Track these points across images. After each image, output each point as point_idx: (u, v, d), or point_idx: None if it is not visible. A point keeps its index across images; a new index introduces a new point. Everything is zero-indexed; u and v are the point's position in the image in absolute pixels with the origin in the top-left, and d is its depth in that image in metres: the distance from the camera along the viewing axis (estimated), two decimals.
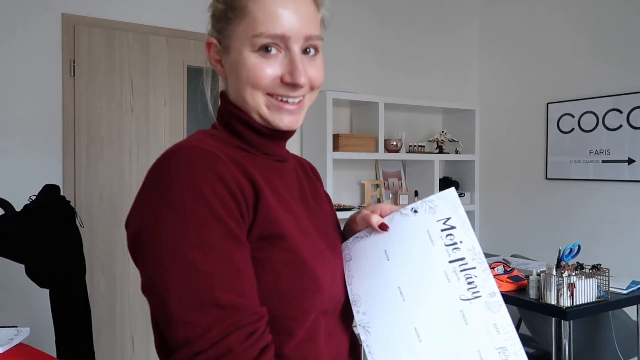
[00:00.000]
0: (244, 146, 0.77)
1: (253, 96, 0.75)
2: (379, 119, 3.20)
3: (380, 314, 0.73)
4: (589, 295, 2.02)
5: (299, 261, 0.70)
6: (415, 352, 0.69)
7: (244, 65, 0.74)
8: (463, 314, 0.69)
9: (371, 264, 0.78)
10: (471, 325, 0.68)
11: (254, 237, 0.68)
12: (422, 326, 0.70)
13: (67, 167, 2.54)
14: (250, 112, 0.76)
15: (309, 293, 0.70)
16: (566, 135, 3.23)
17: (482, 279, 0.71)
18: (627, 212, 2.94)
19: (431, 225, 0.76)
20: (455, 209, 0.77)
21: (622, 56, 2.96)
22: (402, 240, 0.77)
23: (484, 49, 3.83)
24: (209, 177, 0.65)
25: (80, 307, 1.94)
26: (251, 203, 0.68)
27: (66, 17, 2.53)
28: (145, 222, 0.64)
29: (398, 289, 0.73)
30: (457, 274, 0.72)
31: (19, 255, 1.82)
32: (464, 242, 0.74)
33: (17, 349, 1.54)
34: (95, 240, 2.60)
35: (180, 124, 2.84)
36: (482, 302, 0.69)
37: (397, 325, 0.71)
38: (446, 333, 0.69)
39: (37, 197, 1.93)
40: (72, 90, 2.56)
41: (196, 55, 2.86)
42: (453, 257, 0.73)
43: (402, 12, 3.58)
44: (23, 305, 2.40)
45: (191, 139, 0.72)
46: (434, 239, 0.75)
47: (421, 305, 0.71)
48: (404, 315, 0.71)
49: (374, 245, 0.79)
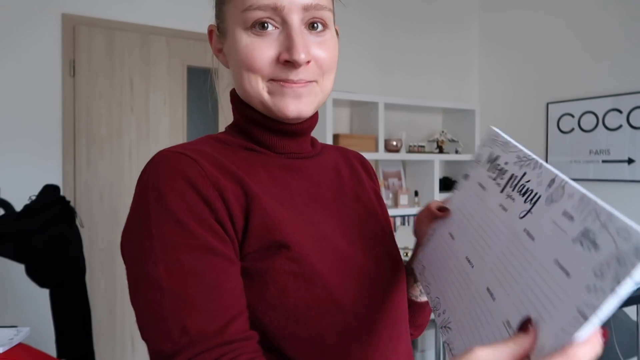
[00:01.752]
0: (254, 146, 0.68)
1: (251, 82, 0.65)
2: (379, 119, 3.20)
3: (455, 299, 0.60)
4: None
5: (308, 272, 0.60)
6: (490, 311, 0.52)
7: (238, 46, 0.64)
8: (528, 231, 0.51)
9: (440, 255, 0.67)
10: (538, 237, 0.49)
11: (252, 247, 0.60)
12: (494, 283, 0.53)
13: (67, 167, 2.54)
14: (253, 102, 0.67)
15: (322, 310, 0.60)
16: (566, 135, 3.23)
17: (535, 175, 0.53)
18: (627, 212, 2.92)
19: (480, 174, 0.64)
20: (496, 141, 0.63)
21: (622, 56, 2.96)
22: (461, 210, 0.66)
23: (484, 49, 3.83)
24: (177, 183, 0.58)
25: (80, 307, 1.94)
26: (239, 208, 0.59)
27: (66, 17, 2.53)
28: (122, 238, 0.61)
29: (466, 259, 0.60)
30: (511, 195, 0.56)
31: (19, 255, 1.82)
32: (509, 161, 0.59)
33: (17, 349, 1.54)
34: (95, 240, 2.60)
35: (180, 124, 2.84)
36: (542, 202, 0.50)
37: (469, 297, 0.57)
38: (515, 272, 0.50)
39: (37, 197, 1.93)
40: (72, 90, 2.56)
41: (196, 55, 2.86)
42: (502, 183, 0.58)
43: (402, 12, 3.58)
44: (23, 305, 2.40)
45: (178, 145, 0.65)
46: (485, 184, 0.62)
47: (488, 261, 0.55)
48: (475, 283, 0.57)
49: (439, 237, 0.69)
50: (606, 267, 0.38)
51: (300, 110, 0.65)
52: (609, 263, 0.38)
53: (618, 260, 0.38)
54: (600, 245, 0.40)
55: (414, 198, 3.51)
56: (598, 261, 0.39)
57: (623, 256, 0.37)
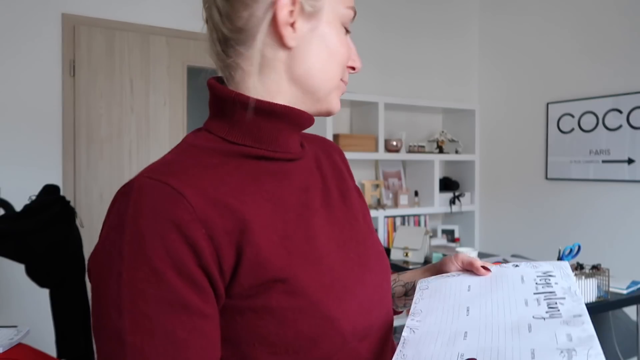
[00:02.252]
0: (249, 149, 0.62)
1: (337, 76, 0.65)
2: (379, 119, 3.20)
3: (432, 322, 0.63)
4: (589, 295, 2.02)
5: (307, 303, 0.57)
6: (454, 344, 0.58)
7: (340, 37, 0.64)
8: (530, 326, 0.58)
9: (448, 290, 0.69)
10: (534, 332, 0.56)
11: (244, 284, 0.56)
12: (473, 331, 0.59)
13: (67, 167, 2.54)
14: (314, 96, 0.64)
15: (324, 338, 0.58)
16: (566, 135, 3.23)
17: (570, 304, 0.60)
18: (627, 212, 2.94)
19: (528, 273, 0.69)
20: (562, 270, 0.69)
21: (622, 56, 2.96)
22: (492, 280, 0.69)
23: (484, 49, 3.83)
24: (159, 224, 0.52)
25: (80, 307, 1.94)
26: (230, 244, 0.55)
27: (66, 17, 2.53)
28: (88, 270, 0.56)
29: (466, 308, 0.64)
30: (539, 301, 0.62)
31: (19, 255, 1.82)
32: (559, 283, 0.65)
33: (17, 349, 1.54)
34: (95, 240, 2.60)
35: (180, 124, 2.84)
36: (559, 320, 0.58)
37: (446, 330, 0.61)
38: (496, 337, 0.57)
39: (37, 197, 1.93)
40: (72, 90, 2.56)
41: (196, 55, 2.86)
42: (540, 290, 0.64)
43: (402, 12, 3.58)
44: (23, 305, 2.40)
45: (159, 163, 0.59)
46: (526, 279, 0.67)
47: (481, 320, 0.61)
48: (458, 324, 0.61)
49: (458, 281, 0.72)
50: None
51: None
52: None
53: None
54: (573, 359, 0.50)
55: (414, 198, 3.51)
56: None
57: None
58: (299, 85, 0.63)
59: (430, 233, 2.90)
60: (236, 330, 0.57)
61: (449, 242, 3.58)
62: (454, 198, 3.56)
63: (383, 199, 3.42)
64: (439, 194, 3.47)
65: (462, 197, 3.59)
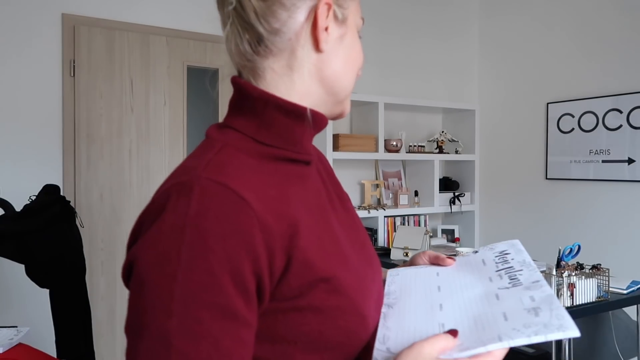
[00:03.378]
0: (278, 150, 0.63)
1: (353, 82, 0.68)
2: (379, 119, 3.20)
3: (409, 301, 0.68)
4: (589, 295, 2.02)
5: (347, 301, 0.59)
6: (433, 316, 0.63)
7: (359, 45, 0.68)
8: (497, 295, 0.65)
9: (418, 275, 0.76)
10: (502, 299, 0.63)
11: (292, 286, 0.57)
12: (447, 303, 0.65)
13: (67, 167, 2.54)
14: (336, 100, 0.68)
15: (357, 333, 0.60)
16: (566, 135, 3.23)
17: (528, 273, 0.68)
18: (627, 212, 2.94)
19: (487, 255, 0.77)
20: (515, 247, 0.78)
21: (622, 56, 2.96)
22: (457, 267, 0.77)
23: (483, 49, 3.83)
24: (223, 229, 0.52)
25: (80, 307, 1.94)
26: (282, 249, 0.56)
27: (66, 17, 2.53)
28: (136, 266, 0.54)
29: (437, 286, 0.71)
30: (501, 275, 0.69)
31: (19, 255, 1.82)
32: (515, 258, 0.74)
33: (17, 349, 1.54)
34: (95, 240, 2.60)
35: (180, 124, 2.84)
36: (521, 287, 0.65)
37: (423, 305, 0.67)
38: (470, 307, 0.64)
39: (37, 197, 1.93)
40: (72, 90, 2.56)
41: (196, 55, 2.86)
42: (500, 267, 0.72)
43: (403, 13, 3.58)
44: (23, 305, 2.40)
45: (211, 163, 0.57)
46: (486, 261, 0.75)
47: (454, 296, 0.67)
48: (432, 299, 0.67)
49: (427, 268, 0.79)
50: (535, 325, 0.56)
51: None
52: (538, 324, 0.56)
53: (545, 325, 0.55)
54: (540, 315, 0.58)
55: (414, 198, 3.51)
56: (532, 321, 0.57)
57: (549, 326, 0.55)
58: (325, 87, 0.65)
59: (430, 233, 2.90)
60: (277, 330, 0.58)
61: (449, 242, 3.58)
62: (454, 198, 3.56)
63: (383, 199, 3.42)
64: (438, 194, 3.47)
65: (462, 197, 3.59)
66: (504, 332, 0.56)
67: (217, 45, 2.90)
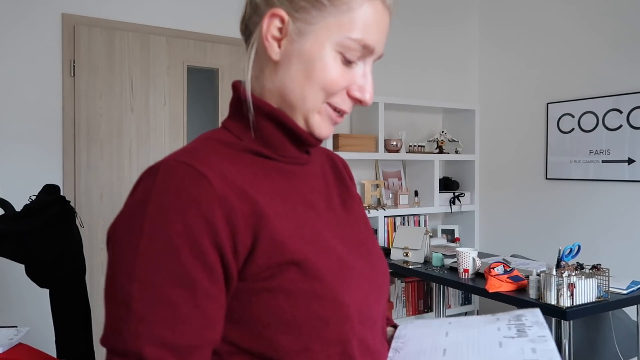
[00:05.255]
0: (259, 148, 0.67)
1: (315, 97, 0.65)
2: (379, 119, 3.20)
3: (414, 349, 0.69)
4: (589, 295, 2.02)
5: (319, 286, 0.60)
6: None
7: (323, 60, 0.64)
8: (500, 343, 0.66)
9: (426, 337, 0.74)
10: (505, 347, 0.65)
11: (260, 266, 0.59)
12: (451, 348, 0.67)
13: (67, 167, 2.54)
14: (296, 112, 0.67)
15: (334, 320, 0.61)
16: (566, 135, 3.23)
17: (536, 329, 0.68)
18: (627, 212, 2.94)
19: (502, 315, 0.75)
20: (533, 312, 0.74)
21: (621, 56, 2.96)
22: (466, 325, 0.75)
23: (483, 48, 3.83)
24: (182, 201, 0.56)
25: (80, 307, 1.94)
26: (246, 228, 0.58)
27: (66, 17, 2.53)
28: (109, 238, 0.59)
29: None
30: (510, 327, 0.70)
31: (19, 255, 1.82)
32: (529, 319, 0.72)
33: (17, 349, 1.54)
34: (95, 240, 2.60)
35: (180, 124, 2.84)
36: (526, 339, 0.66)
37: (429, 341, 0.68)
38: (472, 350, 0.65)
39: (37, 197, 1.93)
40: (72, 90, 2.56)
41: (196, 55, 2.86)
42: (512, 322, 0.72)
43: (402, 12, 3.58)
44: (23, 305, 2.40)
45: (183, 150, 0.63)
46: (501, 318, 0.74)
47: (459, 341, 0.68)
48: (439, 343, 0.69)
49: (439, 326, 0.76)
50: None
51: (329, 134, 0.70)
52: None
53: None
54: None
55: (414, 198, 3.51)
56: None
57: None
58: (280, 96, 0.67)
59: (430, 233, 2.90)
60: (252, 312, 0.60)
61: (449, 242, 3.58)
62: (453, 198, 3.56)
63: (383, 199, 3.42)
64: (438, 194, 3.47)
65: (462, 197, 3.59)
66: None
67: (217, 45, 2.90)
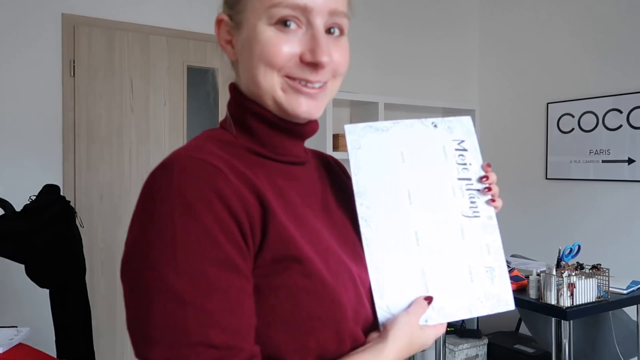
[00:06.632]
0: (257, 148, 0.67)
1: (266, 76, 0.64)
2: (379, 119, 3.20)
3: (384, 210, 0.72)
4: (589, 295, 2.02)
5: (319, 285, 0.60)
6: (411, 254, 0.70)
7: (258, 40, 0.64)
8: (462, 228, 0.73)
9: (384, 160, 0.75)
10: (467, 241, 0.73)
11: (266, 260, 0.59)
12: (423, 231, 0.71)
13: (67, 167, 2.54)
14: (263, 98, 0.66)
15: (331, 320, 0.61)
16: (566, 135, 3.23)
17: (482, 201, 0.78)
18: (627, 212, 2.94)
19: (447, 142, 0.79)
20: (469, 134, 0.80)
21: (622, 56, 2.96)
22: (419, 146, 0.78)
23: (484, 49, 3.83)
24: (205, 193, 0.56)
25: (80, 307, 1.94)
26: (258, 221, 0.59)
27: (66, 17, 2.53)
28: (132, 246, 0.57)
29: (407, 191, 0.73)
30: (463, 191, 0.76)
31: (19, 255, 1.82)
32: (473, 165, 0.78)
33: (17, 349, 1.54)
34: (95, 240, 2.60)
35: (180, 124, 2.84)
36: (479, 222, 0.76)
37: (399, 224, 0.72)
38: (443, 243, 0.72)
39: (37, 197, 1.93)
40: (72, 90, 2.56)
41: (196, 55, 2.86)
42: (462, 175, 0.77)
43: (402, 12, 3.58)
44: (23, 305, 2.40)
45: (190, 146, 0.63)
46: (448, 155, 0.78)
47: (425, 211, 0.73)
48: (408, 217, 0.72)
49: (389, 142, 0.77)
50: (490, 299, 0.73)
51: (312, 111, 0.67)
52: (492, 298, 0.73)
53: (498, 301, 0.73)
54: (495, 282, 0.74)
55: None
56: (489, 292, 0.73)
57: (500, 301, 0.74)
58: (251, 93, 0.68)
59: None
60: (256, 309, 0.59)
61: None
62: None
63: None
64: None
65: None
66: (472, 304, 0.70)
67: (217, 45, 2.90)
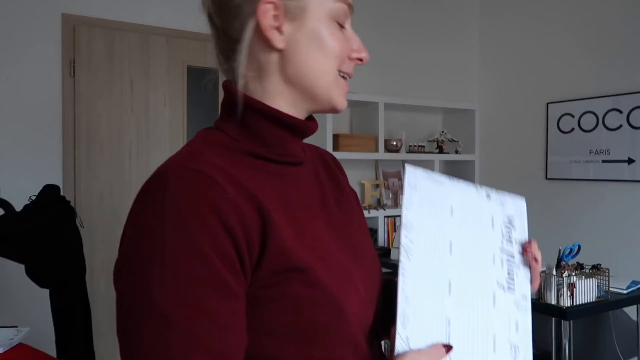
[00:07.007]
0: (257, 149, 0.65)
1: (333, 70, 0.66)
2: (379, 119, 3.20)
3: (425, 250, 0.71)
4: (589, 295, 2.02)
5: (322, 294, 0.59)
6: (441, 301, 0.68)
7: (330, 31, 0.65)
8: (495, 296, 0.72)
9: (434, 207, 0.76)
10: (497, 310, 0.71)
11: (265, 272, 0.57)
12: (457, 283, 0.70)
13: (67, 167, 2.54)
14: (316, 90, 0.66)
15: (335, 328, 0.60)
16: (566, 135, 3.23)
17: (521, 279, 0.76)
18: (627, 212, 2.94)
19: (496, 214, 0.79)
20: (521, 215, 0.82)
21: (622, 56, 2.96)
22: (470, 208, 0.78)
23: (484, 49, 3.83)
24: (200, 208, 0.54)
25: (80, 307, 1.94)
26: (256, 235, 0.57)
27: (66, 17, 2.53)
28: (124, 258, 0.56)
29: (450, 242, 0.73)
30: (503, 262, 0.75)
31: (19, 255, 1.82)
32: (517, 235, 0.79)
33: (17, 349, 1.54)
34: (95, 240, 2.60)
35: (180, 124, 2.84)
36: (512, 298, 0.73)
37: (436, 268, 0.70)
38: (474, 302, 0.70)
39: (37, 197, 1.93)
40: (72, 90, 2.56)
41: (196, 55, 2.86)
42: (505, 247, 0.77)
43: (403, 12, 3.58)
44: (23, 305, 2.40)
45: (186, 153, 0.60)
46: (495, 225, 0.78)
47: (463, 266, 0.72)
48: (446, 265, 0.71)
49: (443, 194, 0.79)
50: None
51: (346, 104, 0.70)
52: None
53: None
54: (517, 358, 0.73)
55: None
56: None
57: None
58: (294, 85, 0.66)
59: None
60: (254, 320, 0.58)
61: None
62: None
63: (383, 199, 3.42)
64: None
65: None
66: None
67: None
